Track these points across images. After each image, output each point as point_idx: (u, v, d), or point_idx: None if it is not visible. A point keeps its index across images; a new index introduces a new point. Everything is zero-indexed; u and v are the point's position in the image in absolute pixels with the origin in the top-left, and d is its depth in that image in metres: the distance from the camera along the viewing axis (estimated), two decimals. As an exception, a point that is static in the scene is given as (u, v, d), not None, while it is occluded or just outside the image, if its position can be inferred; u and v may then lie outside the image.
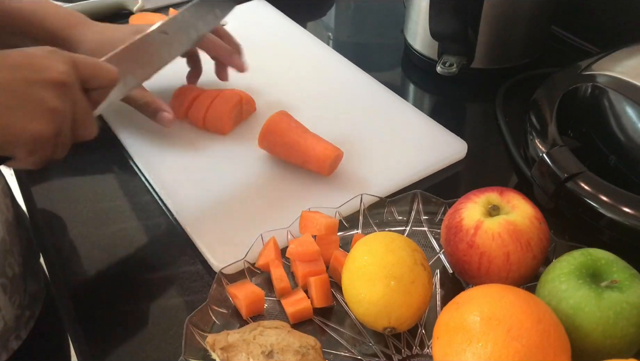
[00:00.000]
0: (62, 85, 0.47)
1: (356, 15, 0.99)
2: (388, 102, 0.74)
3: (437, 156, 0.65)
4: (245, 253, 0.53)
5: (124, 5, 0.94)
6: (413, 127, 0.69)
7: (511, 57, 0.78)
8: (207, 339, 0.45)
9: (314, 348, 0.44)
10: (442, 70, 0.74)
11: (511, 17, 0.74)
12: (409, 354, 0.48)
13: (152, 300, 0.53)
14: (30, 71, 0.46)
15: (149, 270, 0.56)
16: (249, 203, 0.60)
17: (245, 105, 0.69)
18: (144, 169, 0.65)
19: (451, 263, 0.51)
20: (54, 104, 0.46)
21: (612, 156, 0.60)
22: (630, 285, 0.43)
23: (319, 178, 0.62)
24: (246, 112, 0.70)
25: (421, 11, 0.77)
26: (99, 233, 0.59)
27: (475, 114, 0.79)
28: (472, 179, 0.66)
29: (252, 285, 0.51)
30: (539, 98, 0.64)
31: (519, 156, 0.64)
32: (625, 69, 0.60)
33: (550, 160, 0.56)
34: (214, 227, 0.58)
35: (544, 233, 0.48)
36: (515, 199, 0.49)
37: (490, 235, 0.47)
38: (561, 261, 0.46)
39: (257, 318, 0.50)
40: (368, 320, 0.47)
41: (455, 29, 0.72)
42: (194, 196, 0.61)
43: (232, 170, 0.64)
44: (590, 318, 0.42)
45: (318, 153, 0.60)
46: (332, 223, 0.54)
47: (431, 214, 0.58)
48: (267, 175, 0.63)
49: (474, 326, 0.40)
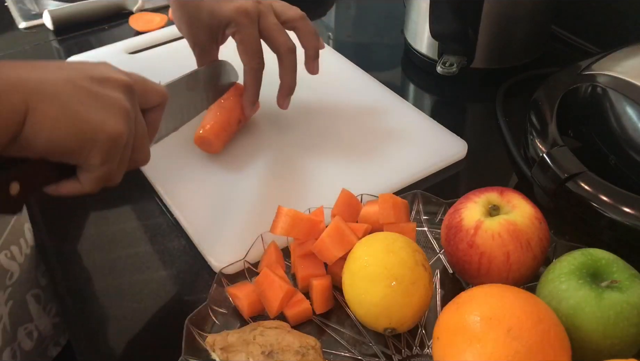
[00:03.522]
0: (129, 88, 0.43)
1: (356, 15, 0.99)
2: (388, 102, 0.74)
3: (437, 156, 0.65)
4: (245, 253, 0.53)
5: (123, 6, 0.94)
6: (413, 127, 0.69)
7: (511, 57, 0.78)
8: (207, 339, 0.45)
9: (314, 348, 0.44)
10: (442, 70, 0.74)
11: (511, 17, 0.74)
12: (409, 354, 0.48)
13: (152, 300, 0.53)
14: (96, 72, 0.42)
15: (149, 270, 0.56)
16: (249, 203, 0.60)
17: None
18: (145, 169, 0.65)
19: (451, 263, 0.51)
20: (125, 104, 0.42)
21: (612, 156, 0.60)
22: (631, 285, 0.43)
23: (319, 178, 0.62)
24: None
25: (421, 11, 0.77)
26: (99, 232, 0.59)
27: (475, 114, 0.79)
28: (472, 179, 0.66)
29: (253, 285, 0.51)
30: (539, 98, 0.64)
31: (519, 156, 0.64)
32: (625, 69, 0.60)
33: (550, 160, 0.56)
34: (214, 227, 0.58)
35: (544, 233, 0.48)
36: (515, 199, 0.49)
37: (490, 235, 0.47)
38: (561, 261, 0.46)
39: (257, 318, 0.50)
40: (369, 321, 0.47)
41: (455, 29, 0.72)
42: (194, 196, 0.61)
43: (232, 170, 0.64)
44: (590, 318, 0.42)
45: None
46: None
47: (431, 214, 0.58)
48: (266, 175, 0.63)
49: (474, 326, 0.40)
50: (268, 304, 0.49)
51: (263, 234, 0.54)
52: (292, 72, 0.64)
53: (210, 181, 0.63)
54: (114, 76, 0.43)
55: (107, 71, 0.43)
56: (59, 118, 0.38)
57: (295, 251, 0.52)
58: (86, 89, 0.40)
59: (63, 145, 0.39)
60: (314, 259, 0.51)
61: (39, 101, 0.37)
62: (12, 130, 0.36)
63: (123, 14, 0.94)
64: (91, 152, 0.40)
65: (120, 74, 0.44)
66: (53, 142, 0.38)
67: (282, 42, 0.62)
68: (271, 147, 0.67)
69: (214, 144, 0.64)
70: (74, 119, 0.39)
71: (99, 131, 0.40)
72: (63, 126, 0.38)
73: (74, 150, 0.39)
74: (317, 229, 0.52)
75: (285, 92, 0.65)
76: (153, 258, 0.57)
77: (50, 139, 0.38)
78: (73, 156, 0.40)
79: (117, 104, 0.41)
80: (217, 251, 0.55)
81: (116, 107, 0.41)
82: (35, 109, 0.37)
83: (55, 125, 0.38)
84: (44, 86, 0.38)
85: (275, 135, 0.69)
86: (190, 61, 0.64)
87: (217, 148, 0.64)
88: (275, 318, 0.49)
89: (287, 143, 0.67)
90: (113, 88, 0.42)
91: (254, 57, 0.62)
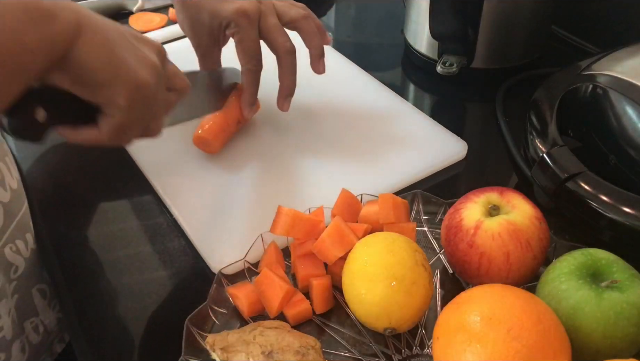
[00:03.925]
0: (162, 54, 0.48)
1: (356, 15, 0.99)
2: (388, 102, 0.74)
3: (437, 156, 0.65)
4: (245, 253, 0.53)
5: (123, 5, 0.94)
6: (413, 127, 0.69)
7: (511, 57, 0.78)
8: (207, 339, 0.45)
9: (314, 348, 0.44)
10: (442, 70, 0.74)
11: (511, 17, 0.74)
12: (409, 354, 0.48)
13: (152, 300, 0.53)
14: (137, 33, 0.46)
15: (149, 270, 0.56)
16: (249, 203, 0.60)
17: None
18: (144, 169, 0.65)
19: (451, 263, 0.51)
20: (157, 64, 0.46)
21: (612, 156, 0.60)
22: (631, 285, 0.43)
23: (319, 178, 0.62)
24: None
25: (421, 11, 0.77)
26: (99, 233, 0.59)
27: (475, 114, 0.79)
28: (472, 179, 0.66)
29: (253, 285, 0.51)
30: (539, 98, 0.64)
31: (519, 156, 0.64)
32: (625, 69, 0.60)
33: (550, 160, 0.56)
34: (214, 227, 0.58)
35: (544, 233, 0.48)
36: (515, 199, 0.49)
37: (490, 235, 0.47)
38: (561, 261, 0.46)
39: (257, 318, 0.50)
40: (369, 321, 0.47)
41: (455, 29, 0.72)
42: (194, 196, 0.61)
43: (232, 170, 0.64)
44: (590, 318, 0.42)
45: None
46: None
47: (431, 214, 0.58)
48: (266, 175, 0.63)
49: (474, 326, 0.40)
50: (268, 304, 0.49)
51: (263, 234, 0.54)
52: (291, 73, 0.64)
53: (210, 181, 0.63)
54: (151, 41, 0.47)
55: (146, 37, 0.47)
56: (103, 49, 0.41)
57: (295, 251, 0.53)
58: (127, 39, 0.44)
59: (99, 76, 0.41)
60: (314, 259, 0.52)
61: (90, 28, 0.40)
62: (62, 47, 0.39)
63: (123, 14, 0.94)
64: (120, 91, 0.42)
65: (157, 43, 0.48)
66: (92, 70, 0.41)
67: (281, 43, 0.62)
68: (271, 147, 0.67)
69: (213, 144, 0.64)
70: (115, 54, 0.42)
71: (131, 73, 0.43)
72: (104, 57, 0.41)
73: (105, 84, 0.42)
74: (317, 229, 0.52)
75: (284, 93, 0.65)
76: (153, 258, 0.57)
77: (91, 67, 0.41)
78: (102, 91, 0.42)
79: (151, 61, 0.45)
80: (217, 251, 0.55)
81: (150, 63, 0.45)
82: (86, 33, 0.40)
83: (99, 54, 0.41)
84: (94, 19, 0.41)
85: (275, 135, 0.69)
86: (190, 61, 0.64)
87: (216, 148, 0.64)
88: (275, 318, 0.49)
89: (287, 143, 0.67)
90: (150, 49, 0.46)
91: (251, 59, 0.62)
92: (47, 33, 0.38)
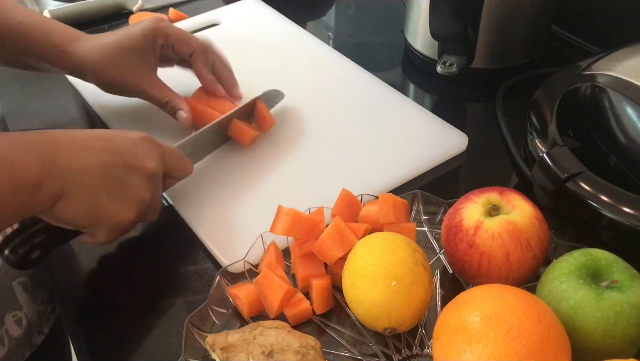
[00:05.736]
0: (154, 176, 0.51)
1: (356, 15, 0.99)
2: (388, 98, 0.74)
3: (438, 149, 0.66)
4: (245, 253, 0.53)
5: (123, 5, 0.94)
6: (413, 121, 0.70)
7: (511, 57, 0.77)
8: (207, 339, 0.45)
9: (314, 348, 0.44)
10: (442, 70, 0.74)
11: (511, 17, 0.74)
12: (409, 354, 0.48)
13: (152, 300, 0.53)
14: (131, 157, 0.49)
15: (149, 270, 0.56)
16: (249, 203, 0.60)
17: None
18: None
19: (451, 263, 0.51)
20: (144, 196, 0.49)
21: (612, 156, 0.60)
22: (631, 285, 0.43)
23: (319, 178, 0.62)
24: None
25: (421, 11, 0.77)
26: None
27: (476, 114, 0.79)
28: (472, 179, 0.66)
29: (253, 285, 0.51)
30: (539, 98, 0.64)
31: (519, 156, 0.64)
32: (625, 69, 0.60)
33: (550, 160, 0.56)
34: (214, 227, 0.58)
35: (544, 233, 0.48)
36: (515, 199, 0.49)
37: (490, 235, 0.47)
38: (561, 261, 0.46)
39: (257, 318, 0.50)
40: (369, 321, 0.47)
41: (455, 29, 0.72)
42: (194, 196, 0.61)
43: (231, 170, 0.64)
44: (590, 318, 0.42)
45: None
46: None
47: (431, 214, 0.58)
48: (266, 175, 0.63)
49: (474, 326, 0.40)
50: (268, 304, 0.49)
51: (263, 234, 0.54)
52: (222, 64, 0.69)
53: (210, 181, 0.63)
54: (146, 163, 0.50)
55: (143, 156, 0.50)
56: (84, 205, 0.46)
57: (295, 251, 0.52)
58: (115, 178, 0.48)
59: (78, 223, 0.47)
60: (314, 259, 0.52)
61: (73, 189, 0.45)
62: (44, 208, 0.44)
63: (123, 14, 0.93)
64: (100, 231, 0.48)
65: (155, 155, 0.51)
66: (70, 222, 0.47)
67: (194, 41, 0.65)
68: (270, 147, 0.67)
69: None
70: (95, 206, 0.47)
71: (111, 217, 0.48)
72: (84, 211, 0.46)
73: (86, 227, 0.48)
74: (317, 229, 0.52)
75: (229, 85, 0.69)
76: (153, 257, 0.57)
77: (69, 220, 0.46)
78: (84, 230, 0.49)
79: (137, 195, 0.49)
80: (217, 251, 0.55)
81: (134, 199, 0.49)
82: (68, 195, 0.45)
83: (79, 210, 0.46)
84: (81, 175, 0.45)
85: (275, 135, 0.68)
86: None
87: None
88: (275, 318, 0.49)
89: (286, 142, 0.67)
90: (139, 177, 0.49)
91: (192, 39, 0.65)
92: (26, 201, 0.42)
